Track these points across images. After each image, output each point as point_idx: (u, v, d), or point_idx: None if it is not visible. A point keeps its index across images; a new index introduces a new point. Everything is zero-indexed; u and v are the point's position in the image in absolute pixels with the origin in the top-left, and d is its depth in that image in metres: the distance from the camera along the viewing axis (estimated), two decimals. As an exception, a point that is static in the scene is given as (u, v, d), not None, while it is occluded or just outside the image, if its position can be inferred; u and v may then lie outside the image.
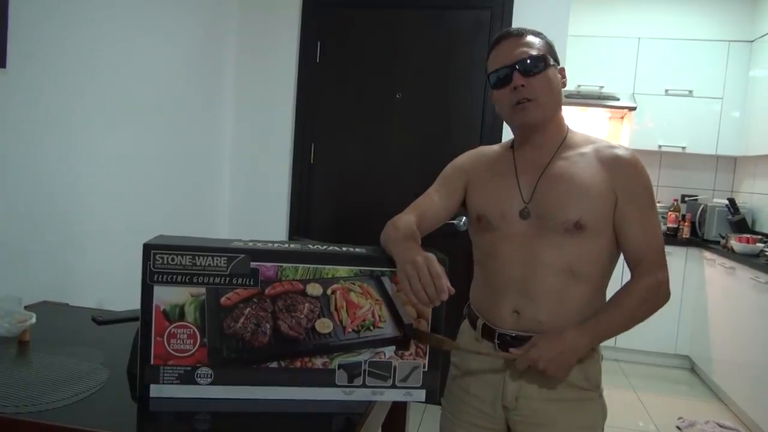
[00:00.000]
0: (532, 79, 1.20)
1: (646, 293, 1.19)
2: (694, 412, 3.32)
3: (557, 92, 1.25)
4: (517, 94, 1.21)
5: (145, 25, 2.25)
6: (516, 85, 1.21)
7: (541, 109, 1.22)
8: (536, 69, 1.20)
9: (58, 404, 1.00)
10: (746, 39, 4.17)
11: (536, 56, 1.21)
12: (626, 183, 1.21)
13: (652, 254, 1.21)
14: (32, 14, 1.70)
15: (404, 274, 1.03)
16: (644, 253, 1.21)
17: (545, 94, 1.22)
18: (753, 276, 3.19)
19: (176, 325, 1.02)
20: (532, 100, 1.21)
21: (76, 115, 1.91)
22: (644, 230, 1.21)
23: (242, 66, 3.06)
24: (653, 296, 1.19)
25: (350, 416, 1.05)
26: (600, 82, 4.34)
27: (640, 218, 1.21)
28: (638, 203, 1.21)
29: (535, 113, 1.22)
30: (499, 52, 1.25)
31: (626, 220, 1.21)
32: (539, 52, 1.22)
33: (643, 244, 1.21)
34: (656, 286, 1.19)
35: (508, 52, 1.23)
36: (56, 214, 1.86)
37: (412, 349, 1.08)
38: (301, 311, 1.04)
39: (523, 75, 1.20)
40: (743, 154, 4.15)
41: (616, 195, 1.21)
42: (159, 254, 1.00)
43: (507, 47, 1.23)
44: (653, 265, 1.20)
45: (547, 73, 1.22)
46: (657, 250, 1.22)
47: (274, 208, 3.11)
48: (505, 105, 1.25)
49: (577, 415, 1.24)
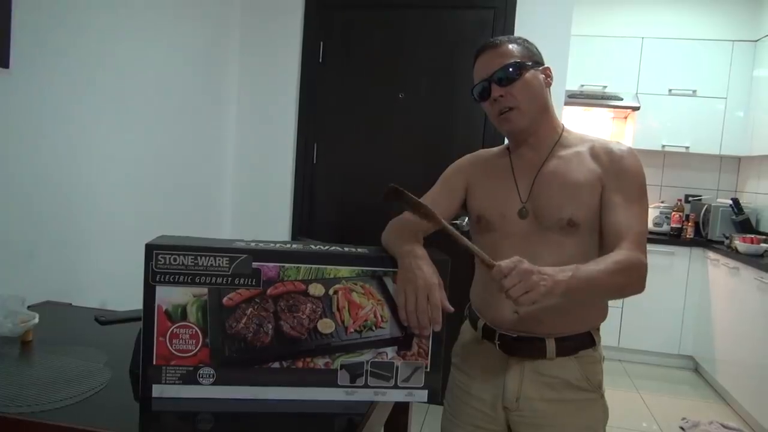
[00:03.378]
0: (509, 88, 1.22)
1: (628, 263, 1.12)
2: (698, 413, 3.31)
3: (539, 95, 1.26)
4: (498, 105, 1.24)
5: (149, 25, 2.26)
6: (495, 97, 1.23)
7: (524, 116, 1.24)
8: (512, 76, 1.22)
9: (61, 404, 1.00)
10: (750, 39, 4.15)
11: (510, 64, 1.22)
12: (613, 172, 1.21)
13: (632, 237, 1.16)
14: (35, 14, 1.70)
15: (402, 291, 1.03)
16: (624, 234, 1.16)
17: (525, 100, 1.23)
18: (757, 276, 3.18)
19: (178, 325, 1.02)
20: (514, 108, 1.23)
21: (79, 115, 1.92)
22: (626, 216, 1.18)
23: (245, 66, 3.07)
24: (634, 271, 1.13)
25: (352, 417, 1.04)
26: (603, 82, 4.33)
27: (624, 206, 1.18)
28: (624, 193, 1.19)
29: (519, 120, 1.24)
30: (478, 67, 1.28)
31: (608, 206, 1.19)
32: (514, 59, 1.23)
33: (623, 226, 1.17)
34: (638, 265, 1.13)
35: (485, 65, 1.25)
36: (59, 214, 1.86)
37: (414, 350, 1.08)
38: (303, 311, 1.04)
39: (500, 85, 1.22)
40: (747, 154, 4.14)
41: (602, 185, 1.20)
42: (161, 254, 1.00)
43: (484, 61, 1.26)
44: (633, 246, 1.15)
45: (524, 79, 1.23)
46: (638, 236, 1.17)
47: (277, 208, 3.12)
48: (491, 116, 1.28)
49: (578, 416, 1.24)
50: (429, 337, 1.07)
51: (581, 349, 1.24)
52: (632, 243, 1.15)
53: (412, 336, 1.07)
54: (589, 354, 1.25)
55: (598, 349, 1.28)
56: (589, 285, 1.09)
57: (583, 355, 1.25)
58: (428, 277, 1.03)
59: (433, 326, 1.04)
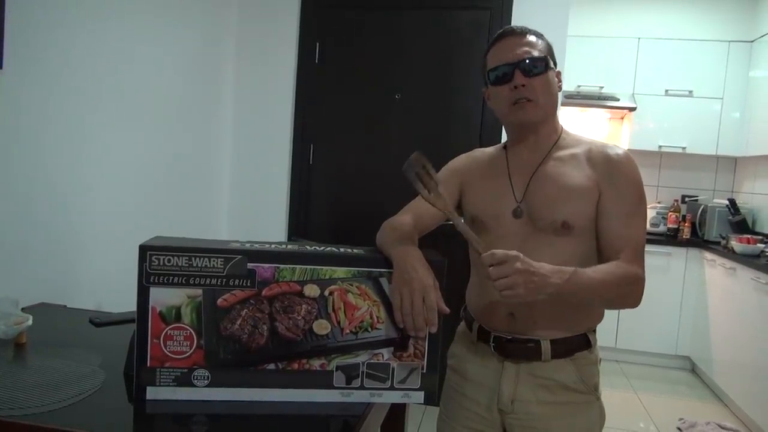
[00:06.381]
0: (532, 80, 1.20)
1: (626, 278, 1.13)
2: (695, 413, 3.32)
3: (555, 94, 1.25)
4: (517, 93, 1.21)
5: (144, 25, 2.25)
6: (517, 84, 1.20)
7: (539, 110, 1.22)
8: (537, 70, 1.20)
9: (55, 406, 0.99)
10: (746, 39, 4.16)
11: (539, 57, 1.21)
12: (610, 179, 1.20)
13: (631, 249, 1.16)
14: (29, 15, 1.70)
15: (397, 292, 1.03)
16: (623, 246, 1.16)
17: (544, 95, 1.22)
18: (754, 276, 3.19)
19: (173, 326, 1.01)
20: (531, 100, 1.21)
21: (73, 116, 1.91)
22: (625, 225, 1.17)
23: (241, 67, 3.06)
24: (631, 286, 1.14)
25: (348, 418, 1.04)
26: (600, 83, 4.34)
27: (621, 213, 1.18)
28: (622, 200, 1.19)
29: (533, 113, 1.22)
30: (501, 50, 1.24)
31: (605, 214, 1.18)
32: (541, 53, 1.22)
33: (621, 237, 1.16)
34: (635, 279, 1.14)
35: (509, 50, 1.22)
36: (54, 215, 1.85)
37: (411, 351, 1.08)
38: (299, 312, 1.04)
39: (524, 75, 1.20)
40: (743, 155, 4.15)
41: (599, 191, 1.20)
42: (155, 255, 1.00)
43: (509, 45, 1.23)
44: (631, 259, 1.15)
45: (547, 75, 1.22)
46: (636, 248, 1.16)
47: (273, 209, 3.11)
48: (503, 102, 1.24)
49: (573, 418, 1.24)
50: (425, 338, 1.07)
51: (577, 351, 1.24)
52: (631, 256, 1.15)
53: (408, 337, 1.06)
54: (585, 356, 1.24)
55: (594, 351, 1.27)
56: (583, 292, 1.10)
57: (579, 357, 1.24)
58: (423, 279, 1.03)
59: (429, 328, 1.03)
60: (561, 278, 1.05)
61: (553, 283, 1.04)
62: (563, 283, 1.05)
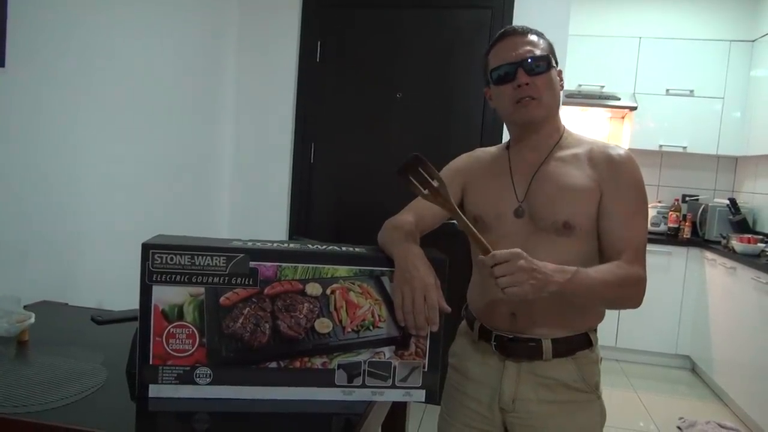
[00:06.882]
0: (536, 78, 1.20)
1: (628, 278, 1.13)
2: (695, 413, 3.32)
3: (557, 93, 1.26)
4: (521, 92, 1.21)
5: (145, 23, 2.25)
6: (520, 83, 1.20)
7: (542, 108, 1.23)
8: (540, 68, 1.21)
9: (57, 404, 0.99)
10: (747, 39, 4.16)
11: (541, 56, 1.21)
12: (612, 179, 1.20)
13: (633, 250, 1.16)
14: (31, 13, 1.70)
15: (399, 291, 1.03)
16: (625, 247, 1.16)
17: (547, 93, 1.22)
18: (754, 276, 3.19)
19: (175, 325, 1.01)
20: (535, 99, 1.21)
21: (75, 114, 1.91)
22: (625, 226, 1.18)
23: (242, 65, 3.06)
24: (633, 287, 1.14)
25: (350, 416, 1.04)
26: (601, 82, 4.33)
27: (623, 214, 1.18)
28: (623, 200, 1.19)
29: (537, 111, 1.22)
30: (503, 49, 1.24)
31: (607, 214, 1.19)
32: (543, 52, 1.22)
33: (622, 238, 1.17)
34: (637, 280, 1.15)
35: (512, 49, 1.23)
36: (56, 213, 1.85)
37: (412, 349, 1.08)
38: (301, 311, 1.04)
39: (527, 73, 1.20)
40: (744, 154, 4.15)
41: (601, 192, 1.20)
42: (158, 254, 1.00)
43: (511, 44, 1.23)
44: (633, 260, 1.15)
45: (549, 74, 1.22)
46: (637, 249, 1.17)
47: (274, 207, 3.11)
48: (506, 101, 1.24)
49: (574, 417, 1.24)
50: (426, 336, 1.07)
51: (578, 350, 1.24)
52: (632, 257, 1.15)
53: (410, 336, 1.07)
54: (585, 355, 1.25)
55: (595, 350, 1.27)
56: (585, 291, 1.10)
57: (580, 356, 1.24)
58: (425, 277, 1.03)
59: (430, 326, 1.03)
60: (563, 277, 1.06)
61: (556, 281, 1.05)
62: (565, 282, 1.06)
